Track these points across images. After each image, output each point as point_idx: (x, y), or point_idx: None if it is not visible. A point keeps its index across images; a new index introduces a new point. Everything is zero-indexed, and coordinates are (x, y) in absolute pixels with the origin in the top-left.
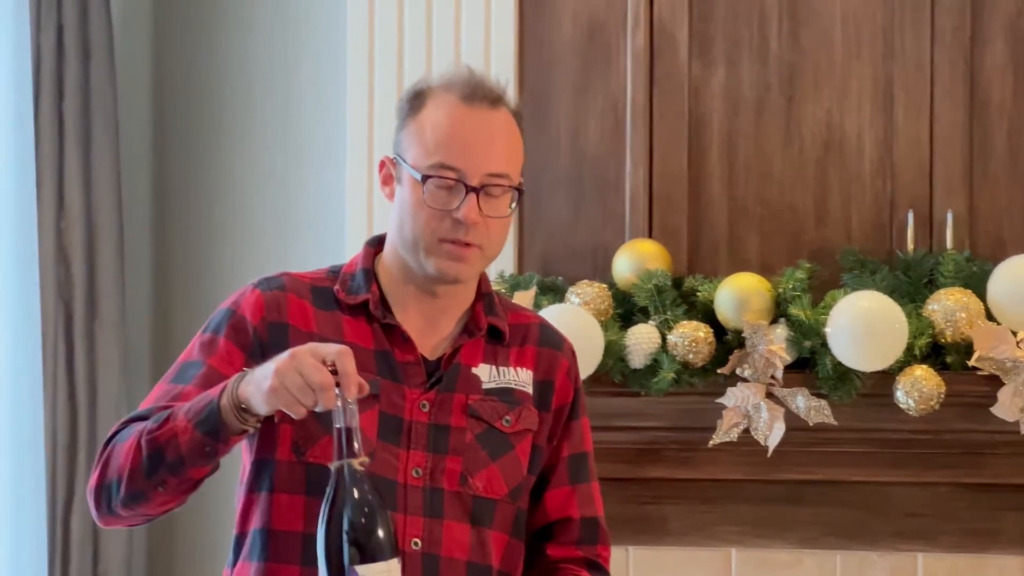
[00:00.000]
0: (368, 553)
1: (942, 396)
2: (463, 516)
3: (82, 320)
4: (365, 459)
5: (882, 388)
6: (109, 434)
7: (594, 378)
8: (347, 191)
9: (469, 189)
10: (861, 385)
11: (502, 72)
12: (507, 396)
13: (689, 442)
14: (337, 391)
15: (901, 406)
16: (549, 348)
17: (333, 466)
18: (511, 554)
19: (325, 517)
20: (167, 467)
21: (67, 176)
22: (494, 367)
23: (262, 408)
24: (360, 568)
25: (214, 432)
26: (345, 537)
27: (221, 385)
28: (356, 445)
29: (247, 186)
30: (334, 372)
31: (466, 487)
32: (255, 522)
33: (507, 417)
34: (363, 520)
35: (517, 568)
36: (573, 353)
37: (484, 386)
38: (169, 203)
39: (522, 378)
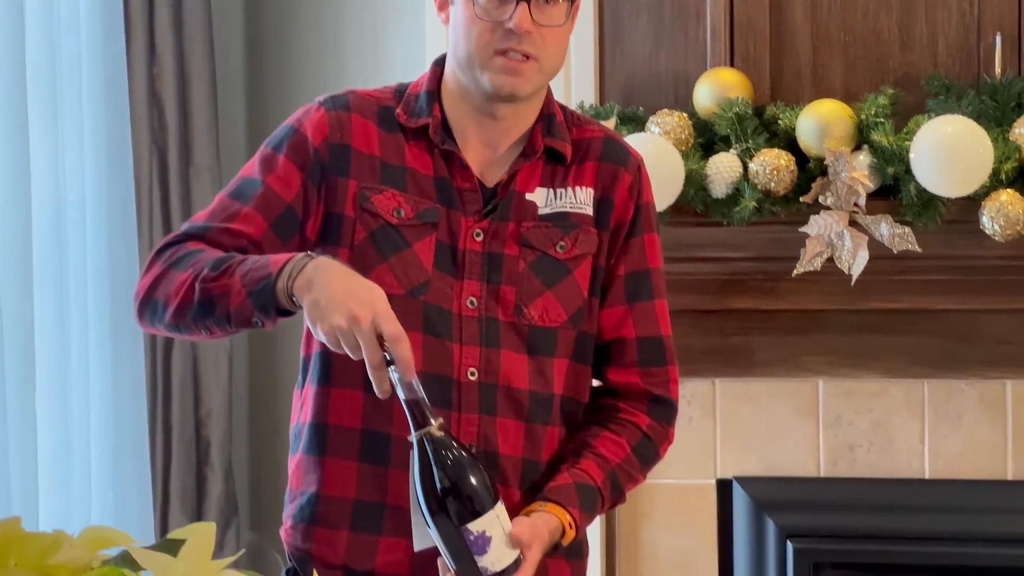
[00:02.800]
0: (474, 508)
1: None
2: (520, 346)
3: (176, 166)
4: (440, 420)
5: (967, 214)
6: (165, 241)
7: (676, 208)
8: (427, 34)
9: None
10: (946, 211)
11: None
12: (563, 221)
13: (773, 272)
14: (394, 371)
15: (987, 232)
16: (610, 164)
17: (413, 438)
18: (575, 379)
19: (420, 488)
20: (214, 319)
21: (158, 22)
22: (551, 190)
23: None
24: (472, 525)
25: (264, 308)
26: (448, 501)
27: (283, 260)
28: (427, 412)
29: (339, 29)
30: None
31: (521, 317)
32: (316, 346)
33: (562, 243)
34: (461, 479)
35: (582, 391)
36: (640, 168)
37: (540, 212)
38: (261, 47)
39: (580, 199)
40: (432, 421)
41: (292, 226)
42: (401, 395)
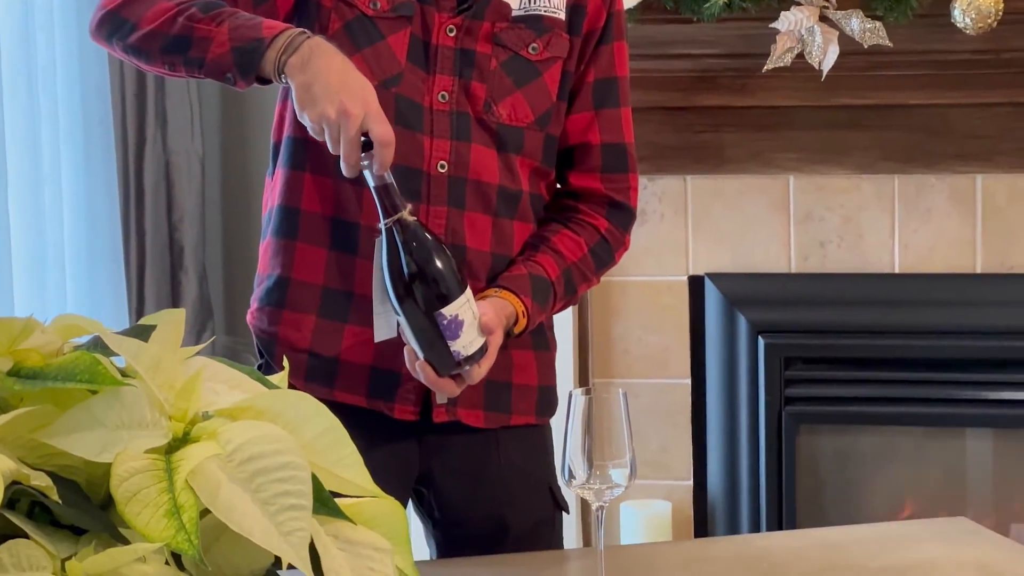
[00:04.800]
0: (448, 292)
1: (1000, 13)
2: (489, 142)
3: None
4: (411, 206)
5: (939, 7)
6: None
7: (645, 5)
8: None
9: None
10: (917, 5)
11: None
12: (536, 23)
13: (744, 69)
14: (367, 158)
15: (958, 25)
16: None
17: (382, 226)
18: (542, 178)
19: (389, 275)
20: (184, 59)
21: None
22: None
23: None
24: (445, 309)
25: (245, 68)
26: (421, 287)
27: (277, 29)
28: (398, 200)
29: None
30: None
31: (490, 114)
32: (288, 130)
33: (534, 44)
34: (435, 264)
35: (548, 193)
36: None
37: (513, 13)
38: None
39: (554, 3)
40: (403, 207)
41: None
42: (371, 183)
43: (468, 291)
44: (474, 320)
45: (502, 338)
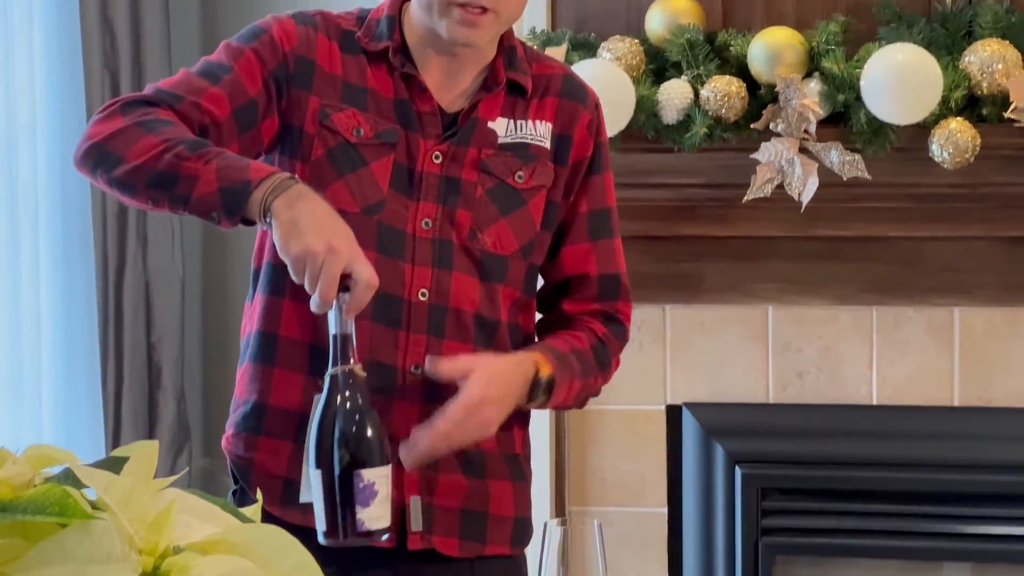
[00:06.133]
0: (374, 455)
1: (977, 148)
2: (472, 270)
3: (129, 91)
4: (360, 365)
5: (917, 142)
6: (133, 98)
7: (626, 134)
8: None
9: None
10: (895, 139)
11: None
12: (522, 151)
13: (724, 199)
14: (339, 301)
15: (936, 160)
16: (570, 100)
17: (330, 373)
18: (521, 308)
19: (320, 424)
20: (170, 196)
21: None
22: (511, 121)
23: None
24: (366, 471)
25: (231, 208)
26: (353, 441)
27: (265, 171)
28: (352, 351)
29: None
30: (347, 278)
31: (475, 242)
32: (268, 255)
33: (520, 173)
34: (371, 422)
35: (527, 322)
36: (597, 106)
37: (499, 141)
38: None
39: (540, 132)
40: (357, 361)
41: (251, 120)
42: (334, 329)
43: (390, 468)
44: (386, 499)
45: (486, 376)
